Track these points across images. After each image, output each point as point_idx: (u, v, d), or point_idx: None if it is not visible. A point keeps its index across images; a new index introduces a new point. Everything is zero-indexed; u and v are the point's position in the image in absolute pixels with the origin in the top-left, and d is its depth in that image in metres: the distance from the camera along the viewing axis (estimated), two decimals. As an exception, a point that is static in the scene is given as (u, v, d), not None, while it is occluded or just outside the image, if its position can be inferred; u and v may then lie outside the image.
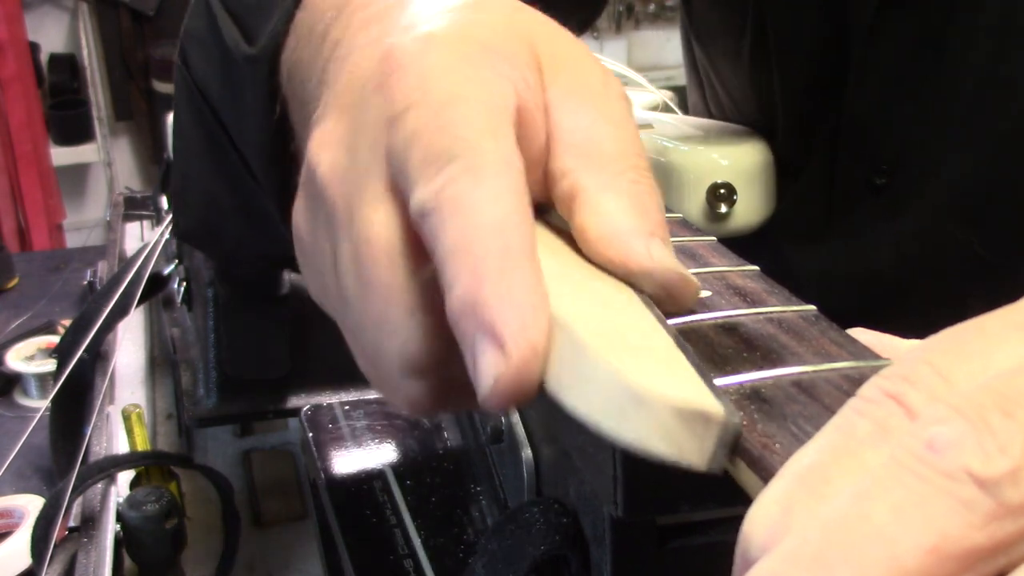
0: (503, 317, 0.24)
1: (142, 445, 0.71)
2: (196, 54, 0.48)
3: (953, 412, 0.18)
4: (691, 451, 0.23)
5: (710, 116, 0.72)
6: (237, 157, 0.46)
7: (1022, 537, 0.16)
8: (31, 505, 0.69)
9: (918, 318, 0.20)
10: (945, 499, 0.17)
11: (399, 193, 0.28)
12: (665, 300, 0.29)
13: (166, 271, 0.85)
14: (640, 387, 0.23)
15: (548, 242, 0.30)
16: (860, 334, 0.28)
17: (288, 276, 0.70)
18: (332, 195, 0.30)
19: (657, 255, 0.28)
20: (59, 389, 0.73)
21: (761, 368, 0.26)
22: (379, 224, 0.28)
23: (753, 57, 0.62)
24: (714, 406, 0.23)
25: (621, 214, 0.29)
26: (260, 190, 0.45)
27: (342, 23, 0.34)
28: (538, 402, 0.25)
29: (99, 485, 0.65)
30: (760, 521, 0.19)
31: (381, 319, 0.28)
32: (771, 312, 0.30)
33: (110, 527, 0.61)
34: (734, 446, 0.23)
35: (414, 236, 0.28)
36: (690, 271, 0.29)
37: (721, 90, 0.68)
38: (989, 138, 0.54)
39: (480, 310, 0.25)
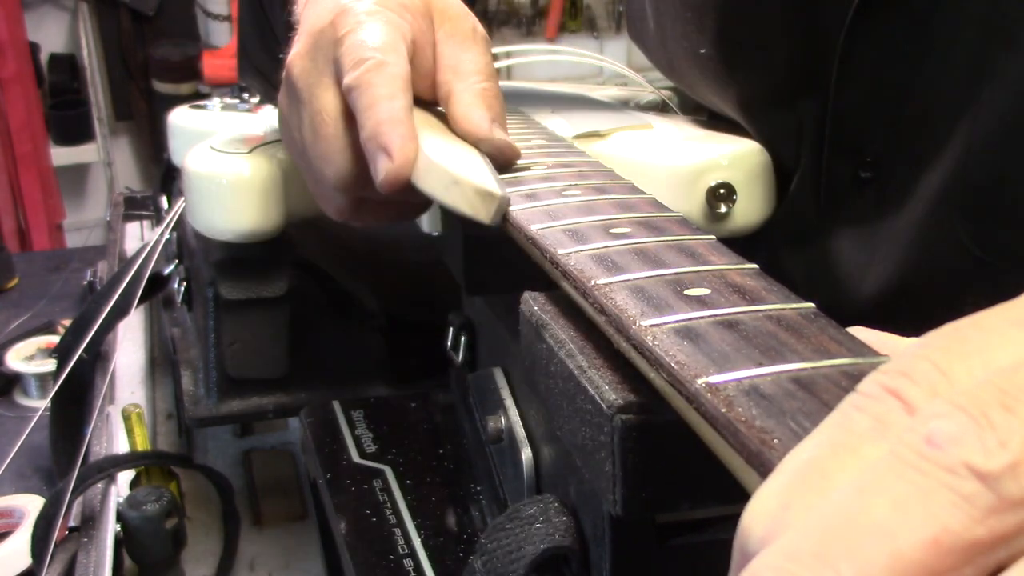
0: (390, 140, 0.45)
1: (142, 445, 0.71)
2: None
3: (953, 407, 0.18)
4: (482, 212, 0.42)
5: (710, 114, 0.72)
6: (269, 27, 0.73)
7: (1022, 530, 0.17)
8: (31, 505, 0.69)
9: (913, 317, 0.20)
10: (945, 493, 0.17)
11: (339, 83, 0.48)
12: (498, 159, 0.48)
13: (166, 271, 0.85)
14: (457, 175, 0.43)
15: (433, 121, 0.50)
16: (859, 332, 0.28)
17: (288, 276, 0.70)
18: (300, 85, 0.50)
19: (495, 131, 0.48)
20: (59, 389, 0.73)
21: (760, 365, 0.26)
22: (327, 100, 0.49)
23: (720, 59, 0.62)
24: (497, 189, 0.42)
25: (474, 106, 0.49)
26: (278, 47, 0.64)
27: None
28: (535, 403, 0.26)
29: (99, 485, 0.65)
30: (759, 516, 0.19)
31: (325, 155, 0.49)
32: (770, 309, 0.30)
33: (110, 527, 0.61)
34: (505, 213, 0.42)
35: (346, 108, 0.48)
36: (689, 268, 0.33)
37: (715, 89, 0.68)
38: (976, 133, 0.54)
39: (378, 138, 0.45)
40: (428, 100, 0.51)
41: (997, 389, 0.18)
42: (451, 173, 0.43)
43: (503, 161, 0.48)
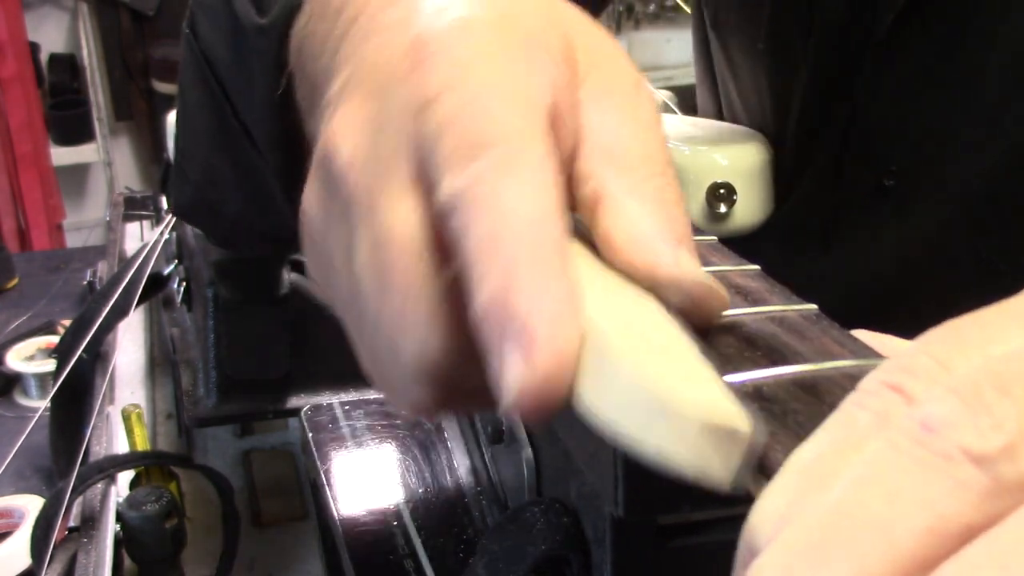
0: (534, 321, 0.23)
1: (142, 445, 0.71)
2: (205, 22, 0.47)
3: (947, 392, 0.18)
4: (716, 467, 0.22)
5: (719, 115, 0.72)
6: (241, 131, 0.45)
7: (1017, 512, 0.16)
8: (31, 505, 0.69)
9: (925, 324, 0.20)
10: (940, 479, 0.17)
11: (425, 185, 0.27)
12: (691, 311, 0.27)
13: (166, 271, 0.85)
14: (668, 398, 0.22)
15: (572, 245, 0.27)
16: (862, 335, 0.28)
17: (288, 276, 0.70)
18: (352, 183, 0.28)
19: (685, 264, 0.27)
20: (59, 389, 0.73)
21: (763, 367, 0.26)
22: (403, 217, 0.27)
23: (770, 54, 0.62)
24: (743, 421, 0.22)
25: (648, 220, 0.28)
26: (263, 166, 0.44)
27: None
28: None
29: (99, 485, 0.65)
30: (766, 514, 0.19)
31: (399, 318, 0.27)
32: (772, 311, 0.30)
33: (110, 527, 0.61)
34: (759, 465, 0.22)
35: (439, 232, 0.26)
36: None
37: (734, 88, 0.68)
38: (1004, 145, 0.54)
39: (509, 313, 0.23)
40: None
41: (993, 374, 0.18)
42: (652, 390, 0.22)
43: (698, 316, 0.27)
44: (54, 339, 0.93)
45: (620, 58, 0.31)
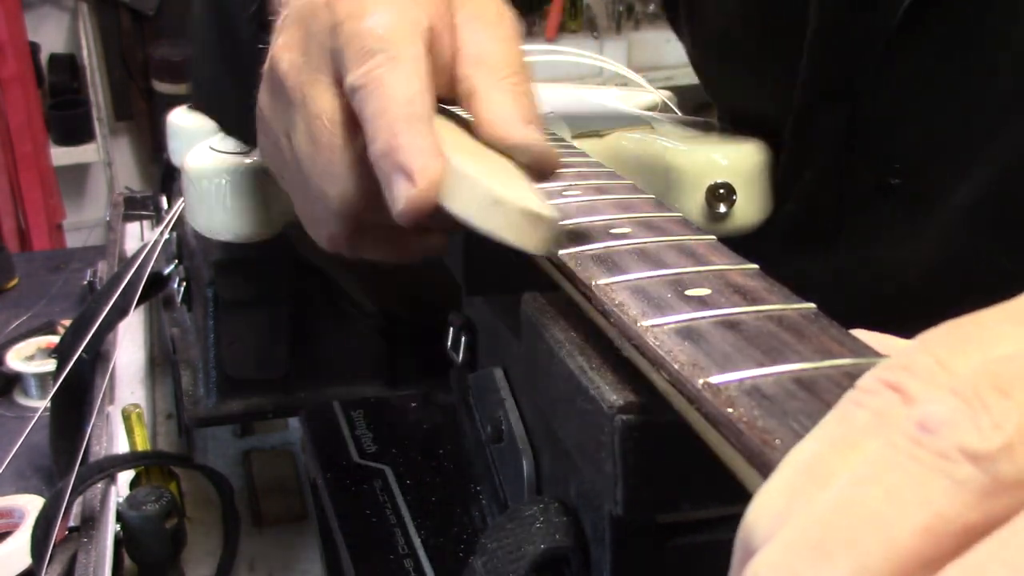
0: (410, 157, 0.36)
1: (142, 445, 0.71)
2: None
3: (947, 392, 0.18)
4: (529, 240, 0.35)
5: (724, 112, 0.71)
6: (237, 43, 0.56)
7: (1017, 511, 0.17)
8: (31, 505, 0.69)
9: (928, 324, 0.20)
10: (939, 479, 0.17)
11: (339, 82, 0.39)
12: (535, 168, 0.39)
13: (166, 271, 0.85)
14: (500, 195, 0.35)
15: (453, 124, 0.41)
16: (861, 334, 0.28)
17: (288, 276, 0.70)
18: (290, 84, 0.41)
19: (530, 136, 0.39)
20: (59, 389, 0.73)
21: (761, 365, 0.26)
22: (326, 103, 0.39)
23: (770, 53, 0.61)
24: (547, 211, 0.35)
25: (504, 105, 0.40)
26: (254, 76, 0.53)
27: None
28: (535, 403, 0.26)
29: (99, 485, 0.65)
30: (762, 513, 0.19)
31: (326, 172, 0.40)
32: (771, 310, 0.30)
33: (110, 527, 0.61)
34: (558, 239, 0.35)
35: (350, 112, 0.39)
36: (690, 269, 0.34)
37: (730, 90, 0.68)
38: (1013, 144, 0.53)
39: (395, 154, 0.36)
40: (445, 98, 0.42)
41: (992, 374, 0.18)
42: (489, 191, 0.35)
43: (540, 171, 0.40)
44: (54, 339, 0.93)
45: None
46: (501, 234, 0.35)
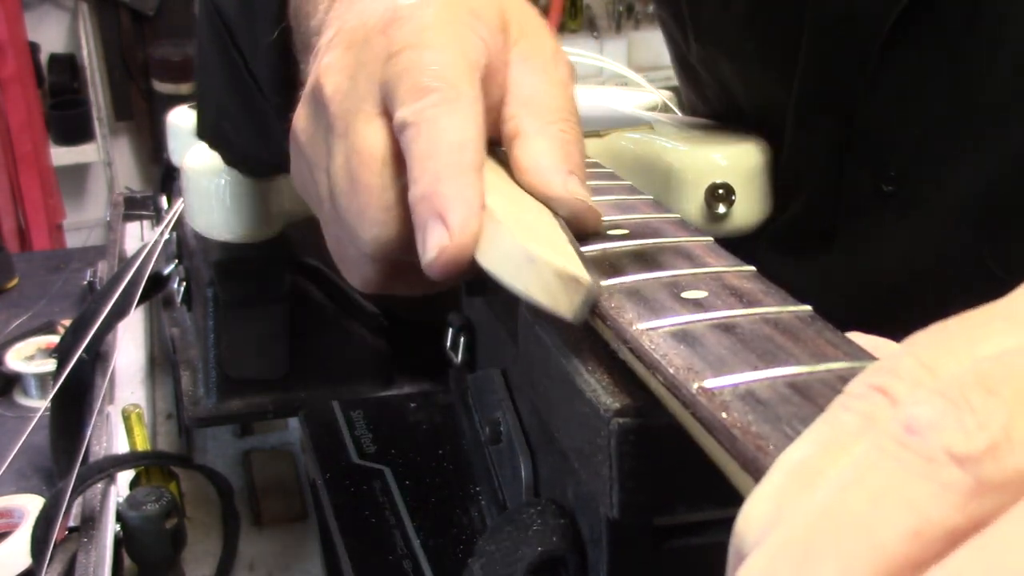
0: (452, 207, 0.33)
1: (142, 445, 0.71)
2: None
3: (932, 393, 0.18)
4: (562, 304, 0.32)
5: (711, 115, 0.72)
6: (248, 75, 0.53)
7: (1001, 513, 0.17)
8: (31, 505, 0.69)
9: (918, 326, 0.21)
10: (925, 483, 0.17)
11: (387, 115, 0.36)
12: (574, 223, 0.37)
13: (166, 271, 0.85)
14: (534, 253, 0.32)
15: (492, 167, 0.38)
16: (857, 337, 0.28)
17: (288, 276, 0.71)
18: (334, 109, 0.37)
19: (572, 188, 0.37)
20: (59, 389, 0.73)
21: (756, 369, 0.26)
22: (370, 136, 0.36)
23: (766, 56, 0.61)
24: (584, 274, 0.32)
25: (547, 153, 0.37)
26: (266, 106, 0.52)
27: None
28: (533, 405, 0.26)
29: (99, 485, 0.65)
30: (752, 518, 0.19)
31: (362, 212, 0.36)
32: (767, 313, 0.30)
33: (110, 527, 0.61)
34: (594, 306, 0.32)
35: (396, 149, 0.36)
36: (686, 271, 0.34)
37: (719, 90, 0.68)
38: (1006, 150, 0.53)
39: (435, 200, 0.33)
40: (488, 136, 0.38)
41: (978, 374, 0.18)
42: (524, 248, 0.32)
43: (579, 227, 0.37)
44: (54, 339, 0.93)
45: (543, 30, 0.41)
46: (532, 295, 0.32)
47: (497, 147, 0.39)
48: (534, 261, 0.32)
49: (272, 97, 0.50)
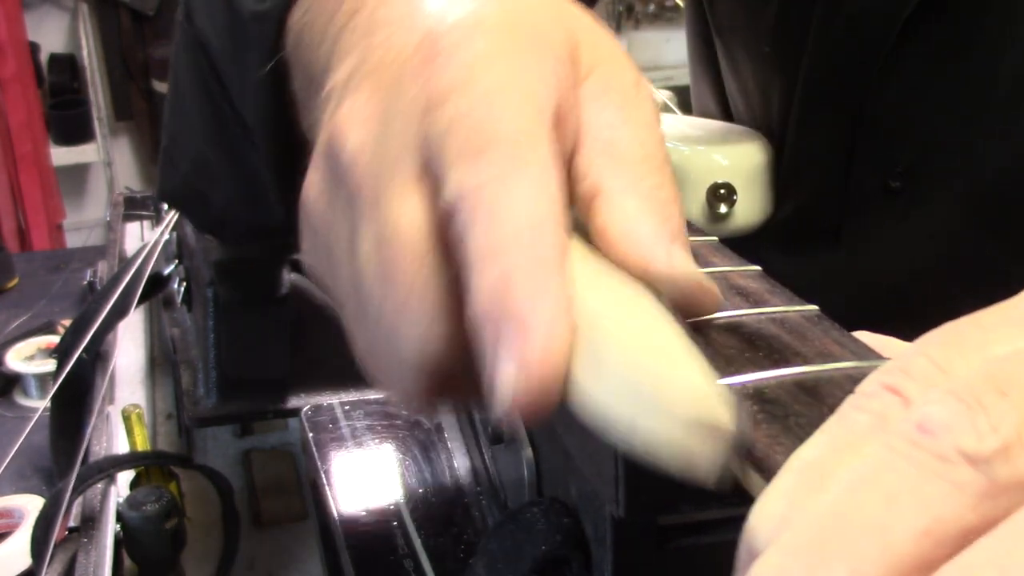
0: (530, 328, 0.23)
1: (142, 445, 0.70)
2: (202, 10, 0.46)
3: (945, 394, 0.18)
4: (702, 464, 0.22)
5: (722, 114, 0.71)
6: (235, 120, 0.45)
7: (1014, 511, 0.16)
8: (31, 505, 0.69)
9: (931, 327, 0.20)
10: (937, 482, 0.17)
11: (430, 182, 0.27)
12: (683, 306, 0.27)
13: (166, 271, 0.85)
14: (656, 395, 0.22)
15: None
16: (863, 336, 0.28)
17: (288, 276, 0.70)
18: (358, 175, 0.28)
19: (678, 261, 0.28)
20: (59, 389, 0.73)
21: (764, 368, 0.26)
22: (408, 213, 0.27)
23: (776, 56, 0.61)
24: (727, 417, 0.22)
25: (643, 217, 0.28)
26: (255, 157, 0.44)
27: None
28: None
29: (99, 485, 0.65)
30: (764, 517, 0.19)
31: (401, 312, 0.27)
32: (773, 312, 0.30)
33: (110, 527, 0.61)
34: (758, 465, 0.23)
35: (443, 230, 0.26)
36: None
37: (736, 89, 0.68)
38: (1014, 147, 0.54)
39: (506, 317, 0.24)
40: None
41: (990, 375, 0.18)
42: (642, 390, 0.23)
43: (690, 311, 0.28)
44: (54, 339, 0.93)
45: (621, 57, 0.31)
46: (656, 454, 0.23)
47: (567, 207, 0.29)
48: (658, 409, 0.22)
49: (262, 146, 0.43)
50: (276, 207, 0.38)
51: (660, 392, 0.22)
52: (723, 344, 0.28)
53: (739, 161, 0.60)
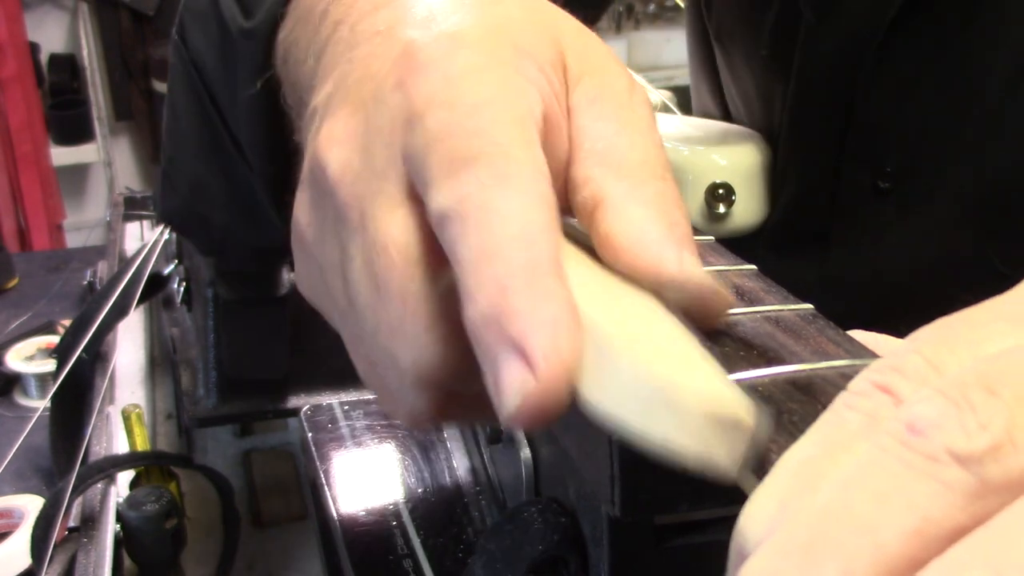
0: (531, 332, 0.23)
1: (142, 445, 0.71)
2: (194, 29, 0.47)
3: (934, 393, 0.18)
4: (721, 457, 0.22)
5: (721, 115, 0.72)
6: (230, 140, 0.45)
7: (1004, 511, 0.17)
8: (31, 505, 0.69)
9: (918, 323, 0.20)
10: (927, 482, 0.17)
11: (416, 197, 0.27)
12: (694, 310, 0.27)
13: (166, 271, 0.85)
14: (671, 389, 0.22)
15: (566, 250, 0.27)
16: (858, 335, 0.28)
17: (288, 276, 0.70)
18: (343, 195, 0.28)
19: (688, 265, 0.27)
20: (59, 389, 0.73)
21: (759, 367, 0.26)
22: (396, 229, 0.27)
23: (772, 59, 0.61)
24: (746, 411, 0.22)
25: (649, 223, 0.27)
26: (251, 176, 0.44)
27: (344, 3, 0.33)
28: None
29: (99, 485, 0.65)
30: (755, 517, 0.19)
31: (396, 327, 0.27)
32: (769, 311, 0.30)
33: (110, 527, 0.61)
34: (759, 464, 0.23)
35: (433, 242, 0.26)
36: None
37: (735, 90, 0.68)
38: (1004, 147, 0.54)
39: (505, 324, 0.23)
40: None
41: (981, 373, 0.18)
42: (655, 379, 0.23)
43: (700, 316, 0.28)
44: (54, 339, 0.93)
45: (612, 63, 0.31)
46: (674, 450, 0.22)
47: (566, 218, 0.29)
48: (674, 403, 0.22)
49: (257, 165, 0.42)
50: (275, 228, 0.37)
51: (674, 390, 0.22)
52: (718, 342, 0.28)
53: (738, 161, 0.60)
